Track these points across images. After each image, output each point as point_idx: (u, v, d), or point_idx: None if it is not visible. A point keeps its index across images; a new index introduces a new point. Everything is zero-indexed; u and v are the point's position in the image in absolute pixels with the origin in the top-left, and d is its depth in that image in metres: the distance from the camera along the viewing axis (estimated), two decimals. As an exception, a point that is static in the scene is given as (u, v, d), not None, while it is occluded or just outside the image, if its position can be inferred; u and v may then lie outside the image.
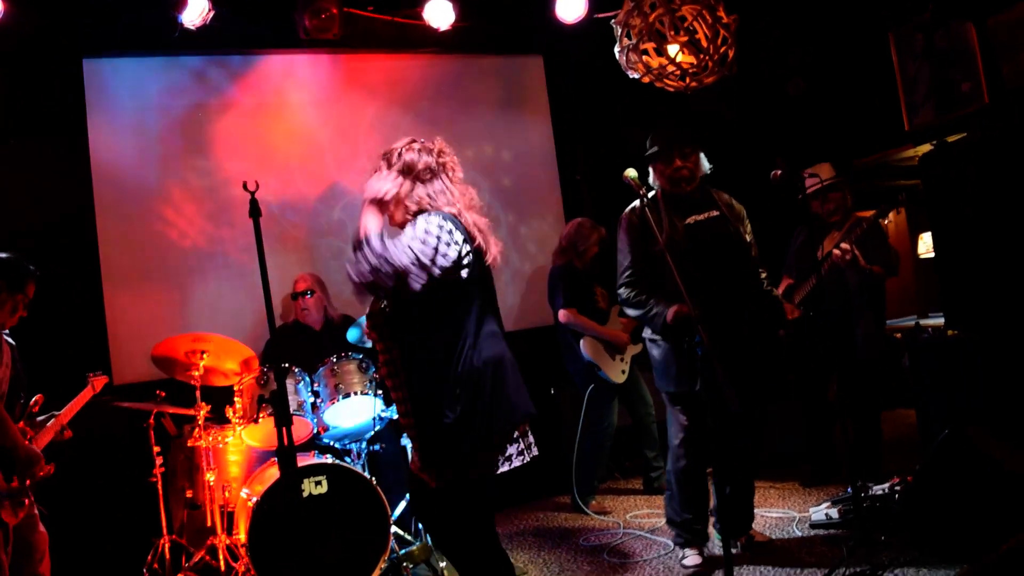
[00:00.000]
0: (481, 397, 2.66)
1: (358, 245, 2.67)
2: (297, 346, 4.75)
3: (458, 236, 2.71)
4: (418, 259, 2.62)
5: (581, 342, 4.98)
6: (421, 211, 2.80)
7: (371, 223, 2.74)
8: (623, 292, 3.85)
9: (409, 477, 2.92)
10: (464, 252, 2.72)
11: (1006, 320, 4.31)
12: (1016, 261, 4.30)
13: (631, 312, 3.89)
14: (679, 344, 3.65)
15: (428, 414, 2.72)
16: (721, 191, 3.95)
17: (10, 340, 3.50)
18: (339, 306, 5.04)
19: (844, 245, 4.39)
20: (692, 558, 3.84)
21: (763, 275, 3.88)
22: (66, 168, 4.91)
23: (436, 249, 2.65)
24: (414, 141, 2.90)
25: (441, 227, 2.68)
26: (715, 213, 3.81)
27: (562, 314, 5.00)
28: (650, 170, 3.87)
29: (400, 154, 2.85)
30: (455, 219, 2.76)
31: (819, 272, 4.14)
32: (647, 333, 3.91)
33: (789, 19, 6.06)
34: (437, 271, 2.65)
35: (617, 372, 5.02)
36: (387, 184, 2.81)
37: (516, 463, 2.74)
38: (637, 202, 3.89)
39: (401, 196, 2.81)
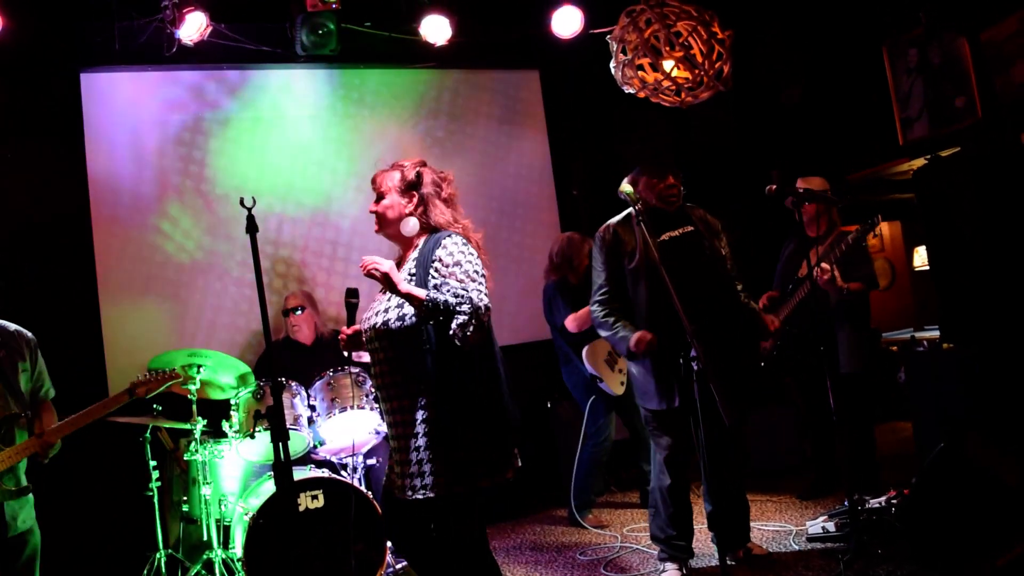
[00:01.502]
0: (504, 406, 2.83)
1: (456, 311, 2.68)
2: (288, 362, 4.74)
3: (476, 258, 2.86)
4: (480, 289, 2.75)
5: (583, 353, 4.96)
6: (436, 230, 2.92)
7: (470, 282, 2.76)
8: (595, 309, 3.89)
9: (388, 496, 2.90)
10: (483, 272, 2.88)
11: (1002, 332, 4.33)
12: (1010, 274, 4.32)
13: (601, 332, 3.92)
14: (659, 361, 3.67)
15: (464, 423, 2.76)
16: (696, 207, 3.96)
17: None
18: (329, 322, 5.05)
19: (824, 265, 4.42)
20: (671, 572, 3.85)
21: (739, 287, 3.89)
22: (64, 177, 4.93)
23: (479, 272, 2.80)
24: (425, 163, 3.02)
25: (471, 251, 2.84)
26: (689, 229, 3.82)
27: (569, 323, 4.97)
28: (637, 183, 3.82)
29: (419, 170, 2.97)
30: (467, 240, 2.90)
31: (809, 285, 4.16)
32: None
33: (784, 32, 6.10)
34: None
35: (616, 384, 5.01)
36: (441, 213, 2.94)
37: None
38: (613, 219, 3.92)
39: (429, 211, 2.94)
